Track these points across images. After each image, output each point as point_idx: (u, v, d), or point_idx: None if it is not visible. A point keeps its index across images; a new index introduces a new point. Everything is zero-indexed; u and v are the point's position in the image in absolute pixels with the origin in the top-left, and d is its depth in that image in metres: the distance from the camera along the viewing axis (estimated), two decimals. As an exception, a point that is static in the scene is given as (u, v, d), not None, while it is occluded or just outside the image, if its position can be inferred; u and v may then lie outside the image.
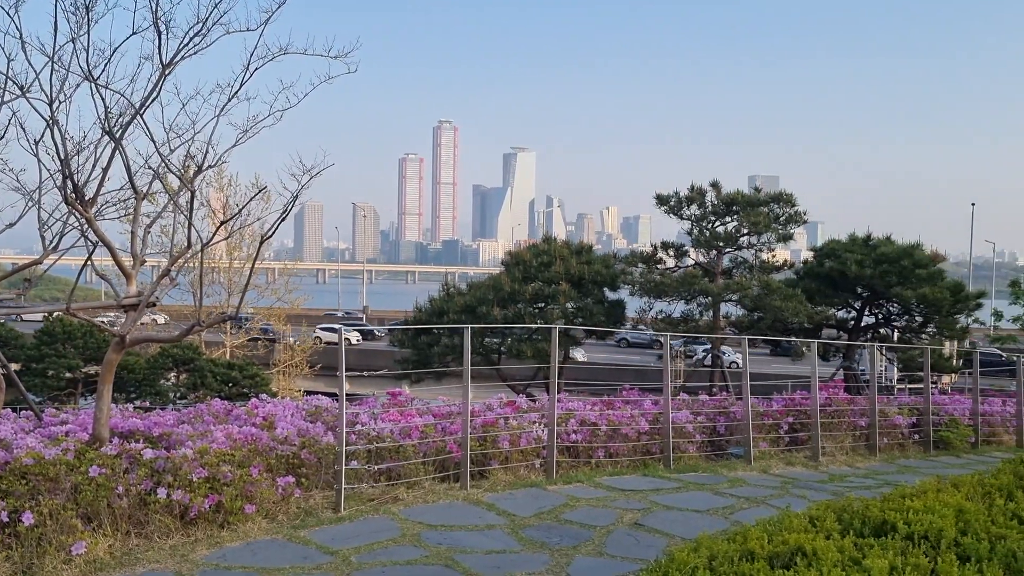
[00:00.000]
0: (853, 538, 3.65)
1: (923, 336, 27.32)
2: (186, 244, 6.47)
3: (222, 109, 6.26)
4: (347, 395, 6.91)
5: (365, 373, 8.00)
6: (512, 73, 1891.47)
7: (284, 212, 5.96)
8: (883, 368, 28.28)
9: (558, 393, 8.79)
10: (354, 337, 53.79)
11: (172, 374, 26.14)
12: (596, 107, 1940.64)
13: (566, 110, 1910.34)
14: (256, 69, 6.22)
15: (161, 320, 42.16)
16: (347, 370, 6.95)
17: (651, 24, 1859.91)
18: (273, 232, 6.54)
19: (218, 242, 26.06)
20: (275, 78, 6.21)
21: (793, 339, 25.09)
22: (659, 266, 27.95)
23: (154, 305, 6.70)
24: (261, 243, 7.37)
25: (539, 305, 25.86)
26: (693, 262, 28.15)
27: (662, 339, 11.16)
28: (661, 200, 27.68)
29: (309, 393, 10.73)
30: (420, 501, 7.06)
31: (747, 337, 11.21)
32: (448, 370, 23.99)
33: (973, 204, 69.25)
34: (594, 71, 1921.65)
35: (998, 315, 30.23)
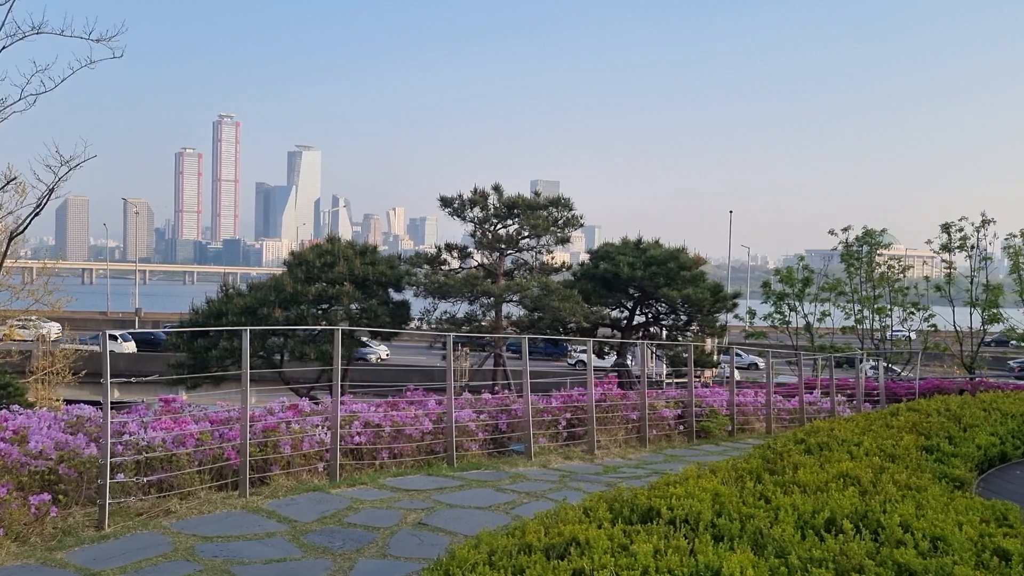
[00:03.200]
0: (623, 526, 3.86)
1: (688, 333, 29.33)
2: (-80, 240, 5.81)
3: (-37, 91, 5.67)
4: (117, 403, 6.46)
5: (133, 379, 7.51)
6: (296, 69, 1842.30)
7: (38, 206, 5.50)
8: (653, 364, 30.10)
9: (342, 395, 8.67)
10: None
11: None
12: (382, 107, 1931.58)
13: (352, 110, 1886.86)
14: (3, 48, 5.70)
15: (54, 333, 37.32)
16: (116, 376, 6.51)
17: (435, 24, 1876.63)
18: (25, 227, 6.01)
19: (-39, 238, 23.49)
20: (27, 59, 5.71)
21: (570, 338, 26.14)
22: (443, 267, 28.22)
23: None
24: (11, 239, 6.75)
25: (323, 306, 25.38)
26: (477, 263, 28.65)
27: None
28: (445, 202, 27.97)
29: (70, 402, 9.93)
30: (195, 512, 6.72)
31: (527, 336, 11.56)
32: (227, 374, 23.02)
33: (731, 212, 75.92)
34: (379, 70, 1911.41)
35: (752, 313, 33.01)
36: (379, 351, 51.46)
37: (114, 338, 51.49)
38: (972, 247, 28.58)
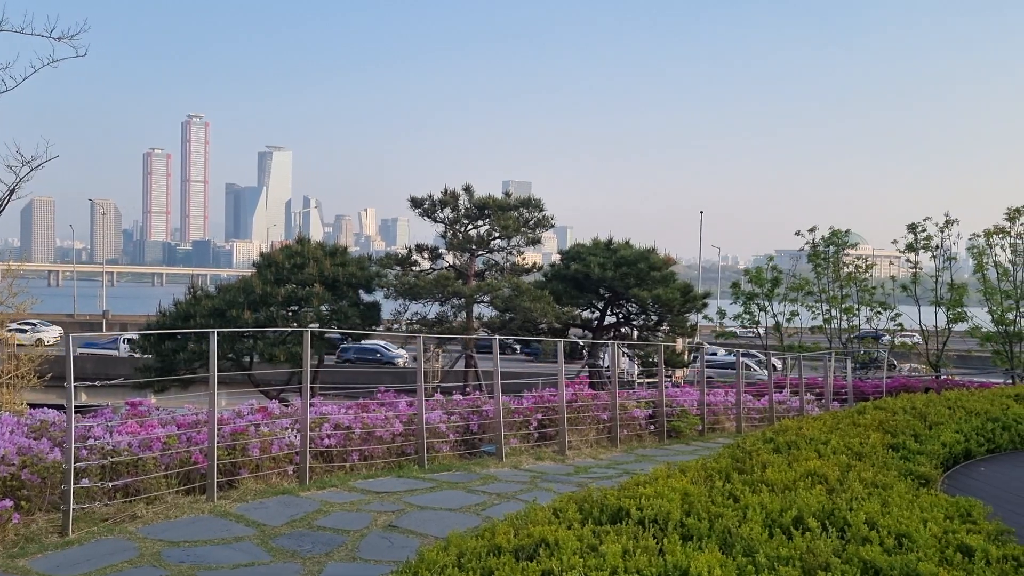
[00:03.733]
0: (592, 526, 3.86)
1: (658, 333, 29.46)
2: None
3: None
4: (84, 407, 6.37)
5: (98, 383, 7.41)
6: (266, 70, 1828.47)
7: (-1, 207, 5.39)
8: (625, 364, 30.22)
9: (312, 397, 8.61)
10: None
11: None
12: (354, 108, 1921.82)
13: (323, 111, 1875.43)
14: (-37, 47, 5.59)
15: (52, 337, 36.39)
16: (83, 379, 6.41)
17: (407, 26, 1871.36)
18: (-14, 230, 5.89)
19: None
20: (-13, 59, 5.60)
21: (542, 338, 26.18)
22: (414, 268, 28.15)
23: None
24: (-28, 242, 6.62)
25: (292, 308, 25.24)
26: (448, 264, 28.61)
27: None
28: (415, 203, 27.90)
29: (34, 407, 9.76)
30: (162, 517, 6.63)
31: (499, 337, 11.55)
32: (195, 377, 22.84)
33: (702, 212, 76.15)
34: (351, 71, 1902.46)
35: (722, 313, 33.24)
36: (401, 354, 51.32)
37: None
38: (937, 247, 29.00)
